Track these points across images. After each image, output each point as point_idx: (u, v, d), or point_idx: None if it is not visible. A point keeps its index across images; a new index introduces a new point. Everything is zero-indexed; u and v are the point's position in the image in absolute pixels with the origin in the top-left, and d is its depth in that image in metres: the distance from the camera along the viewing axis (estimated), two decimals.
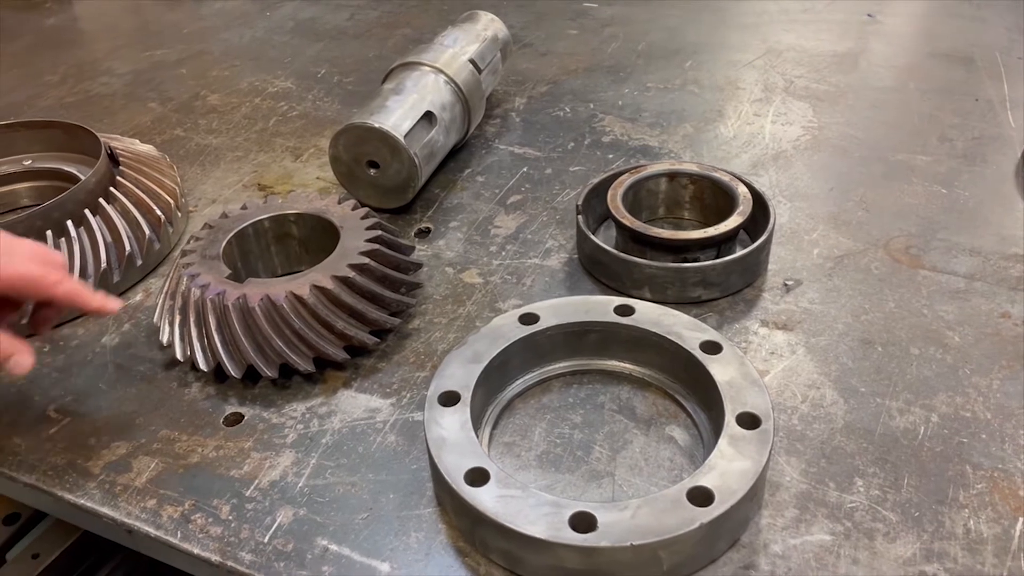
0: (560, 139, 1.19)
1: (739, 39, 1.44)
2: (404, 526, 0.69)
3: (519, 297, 0.92)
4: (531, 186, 1.09)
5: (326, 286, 0.82)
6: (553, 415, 0.78)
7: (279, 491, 0.72)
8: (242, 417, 0.79)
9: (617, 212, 0.92)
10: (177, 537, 0.69)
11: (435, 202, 1.08)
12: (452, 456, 0.67)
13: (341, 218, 0.91)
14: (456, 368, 0.75)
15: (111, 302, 0.76)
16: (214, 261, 0.86)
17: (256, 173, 1.15)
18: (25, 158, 1.10)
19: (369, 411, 0.79)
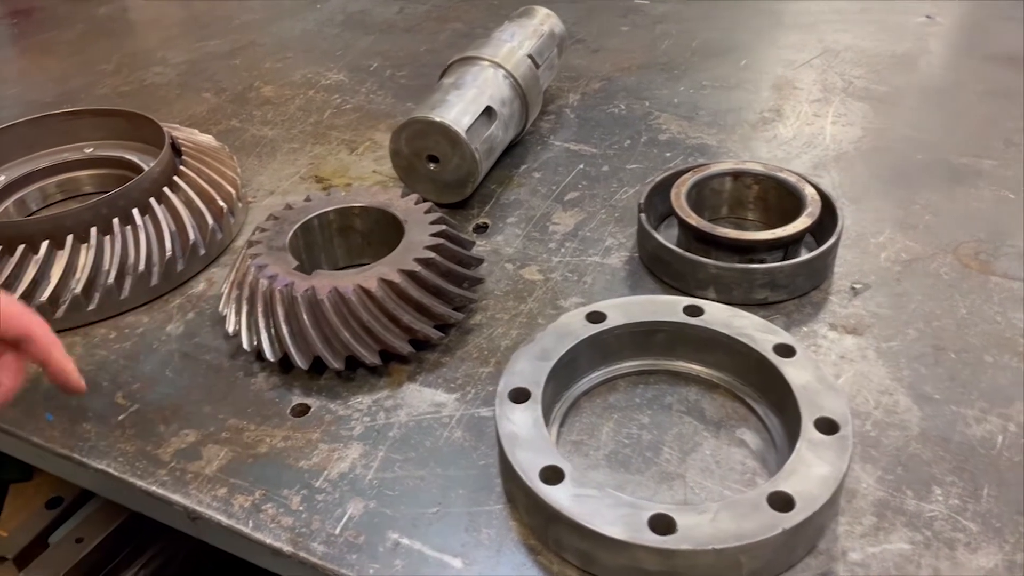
0: (616, 136, 1.18)
1: (794, 39, 1.43)
2: (475, 522, 0.69)
3: (580, 295, 0.91)
4: (588, 183, 1.09)
5: (393, 280, 0.82)
6: (620, 415, 0.77)
7: (348, 483, 0.72)
8: (308, 408, 0.80)
9: (682, 211, 0.91)
10: (249, 526, 0.70)
11: (492, 198, 1.07)
12: (525, 453, 0.67)
13: (405, 212, 0.91)
14: (525, 364, 0.75)
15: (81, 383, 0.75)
16: (281, 252, 0.86)
17: (312, 165, 1.16)
18: (87, 146, 1.11)
19: (435, 405, 0.79)
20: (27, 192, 1.08)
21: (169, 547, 1.30)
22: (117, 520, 1.27)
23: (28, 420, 0.80)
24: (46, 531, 1.29)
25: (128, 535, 1.28)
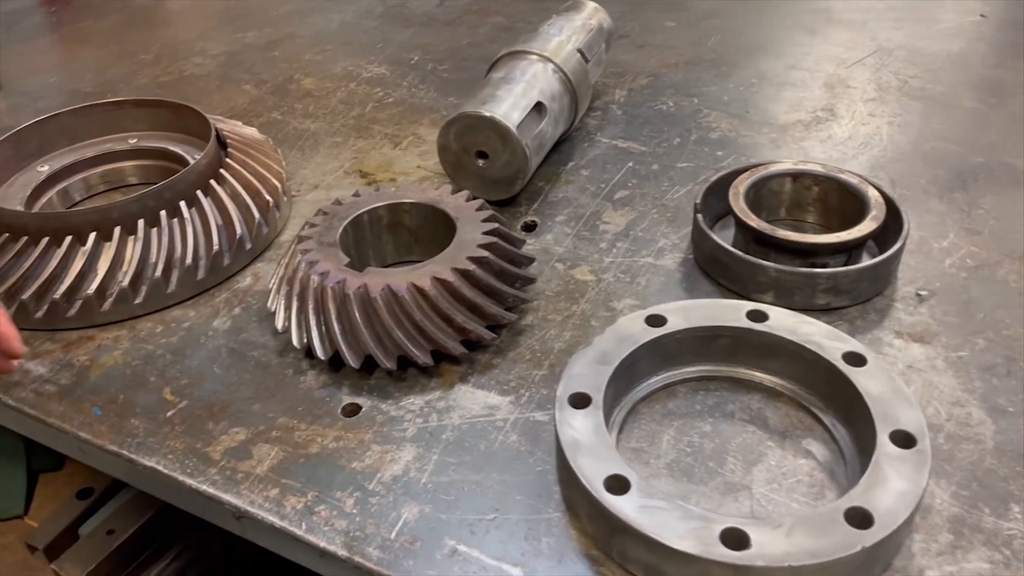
0: (665, 134, 1.15)
1: (846, 36, 1.39)
2: (534, 530, 0.67)
3: (634, 297, 0.89)
4: (638, 181, 1.06)
5: (447, 278, 0.80)
6: (681, 422, 0.75)
7: (403, 486, 0.71)
8: (360, 408, 0.78)
9: (742, 212, 0.89)
10: (302, 529, 0.68)
11: (539, 195, 1.05)
12: (588, 461, 0.65)
13: (456, 209, 0.89)
14: (583, 368, 0.72)
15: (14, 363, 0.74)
16: (332, 248, 0.84)
17: (356, 159, 1.14)
18: (131, 136, 1.10)
19: (488, 408, 0.77)
20: (71, 182, 1.07)
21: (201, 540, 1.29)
22: (148, 512, 1.26)
23: (75, 414, 0.79)
24: (76, 522, 1.29)
25: (159, 527, 1.27)
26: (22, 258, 0.87)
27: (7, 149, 1.02)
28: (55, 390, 0.81)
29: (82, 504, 1.29)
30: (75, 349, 0.86)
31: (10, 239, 0.87)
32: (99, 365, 0.84)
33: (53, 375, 0.83)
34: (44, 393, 0.81)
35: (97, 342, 0.87)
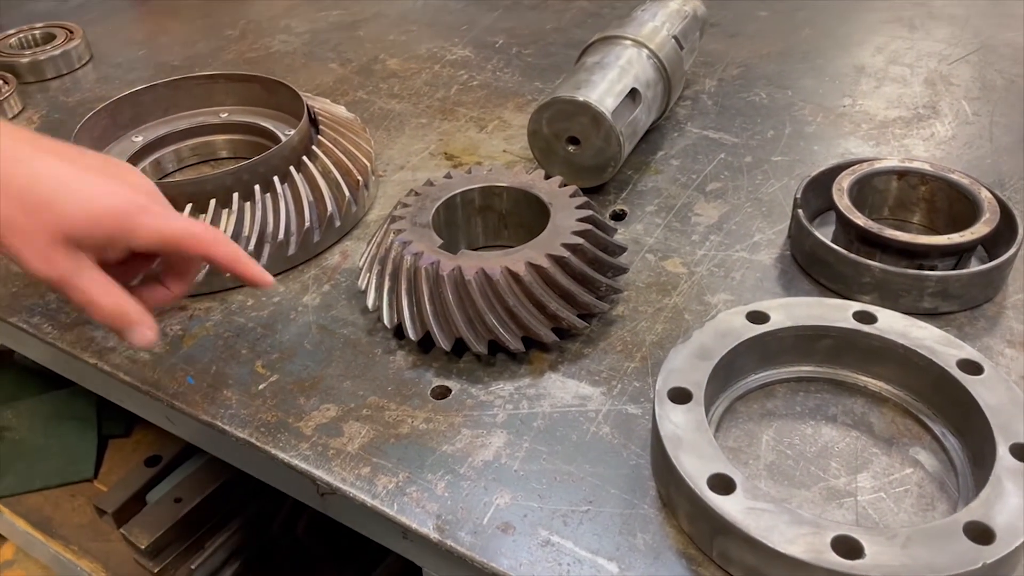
0: (758, 126, 1.12)
1: (948, 32, 1.34)
2: (629, 525, 0.65)
3: (728, 291, 0.86)
4: (730, 174, 1.04)
5: (541, 264, 0.78)
6: (780, 423, 0.73)
7: (494, 472, 0.70)
8: (449, 391, 0.77)
9: (846, 209, 0.85)
10: (393, 509, 0.68)
11: (628, 184, 1.03)
12: (690, 458, 0.63)
13: (549, 195, 0.87)
14: (683, 363, 0.71)
15: (267, 274, 0.71)
16: (425, 229, 0.84)
17: (442, 142, 1.13)
18: (222, 110, 1.11)
19: (579, 398, 0.76)
20: (163, 153, 1.08)
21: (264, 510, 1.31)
22: (214, 484, 1.28)
23: (169, 382, 0.80)
24: (144, 488, 1.31)
25: (225, 497, 1.29)
26: None
27: (104, 118, 1.03)
28: (149, 358, 0.82)
29: (150, 471, 1.32)
30: (168, 319, 0.87)
31: None
32: (192, 335, 0.85)
33: None
34: (138, 361, 0.82)
35: (189, 312, 0.87)
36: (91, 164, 0.65)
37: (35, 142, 0.64)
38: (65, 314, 0.88)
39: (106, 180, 0.64)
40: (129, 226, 0.64)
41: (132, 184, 0.66)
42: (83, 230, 0.62)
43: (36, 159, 0.62)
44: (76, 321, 0.87)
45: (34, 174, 0.62)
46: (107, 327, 0.66)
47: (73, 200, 0.61)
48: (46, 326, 0.87)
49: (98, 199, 0.62)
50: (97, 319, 0.65)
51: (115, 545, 1.32)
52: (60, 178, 0.62)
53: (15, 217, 0.61)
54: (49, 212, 0.61)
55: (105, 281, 0.64)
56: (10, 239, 0.61)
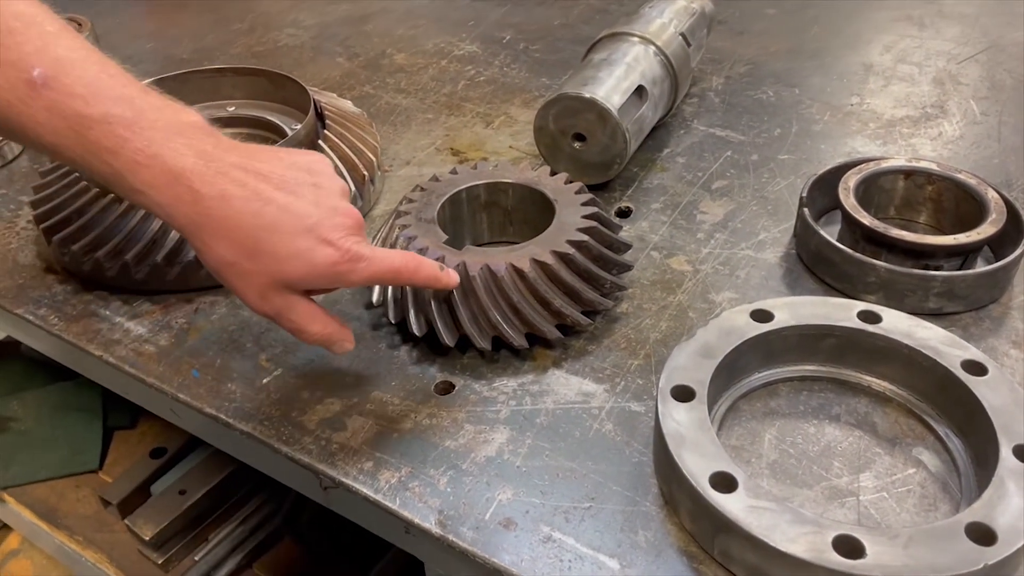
0: (765, 124, 1.12)
1: (957, 31, 1.33)
2: (630, 522, 0.65)
3: (733, 290, 0.86)
4: (736, 172, 1.03)
5: (546, 261, 0.78)
6: (783, 422, 0.73)
7: (496, 468, 0.70)
8: (453, 387, 0.78)
9: (852, 208, 0.85)
10: (396, 504, 0.68)
11: (634, 181, 1.03)
12: (692, 456, 0.63)
13: (555, 192, 0.87)
14: (686, 360, 0.71)
15: (454, 276, 0.75)
16: (430, 225, 0.84)
17: (448, 137, 1.13)
18: (229, 104, 1.11)
19: (583, 395, 0.76)
20: None
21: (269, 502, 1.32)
22: (219, 476, 1.29)
23: (174, 375, 0.80)
24: (149, 480, 1.32)
25: (230, 489, 1.30)
26: (126, 219, 0.88)
27: None
28: (154, 351, 0.83)
29: (155, 463, 1.33)
30: (174, 311, 0.87)
31: (115, 200, 0.89)
32: (196, 328, 0.85)
33: (152, 336, 0.84)
34: (144, 353, 0.82)
35: (195, 305, 0.88)
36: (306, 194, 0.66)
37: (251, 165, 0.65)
38: (71, 306, 0.88)
39: (324, 228, 0.65)
40: (344, 277, 0.66)
41: (343, 219, 0.66)
42: (301, 282, 0.66)
43: (261, 195, 0.63)
44: (82, 313, 0.87)
45: (259, 220, 0.63)
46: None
47: (297, 258, 0.64)
48: (52, 317, 0.87)
49: (320, 258, 0.64)
50: (304, 342, 0.69)
51: (119, 536, 1.32)
52: (284, 228, 0.64)
53: (240, 262, 0.64)
54: (272, 262, 0.64)
55: (312, 310, 0.68)
56: (234, 280, 0.65)
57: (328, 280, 0.66)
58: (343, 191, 0.69)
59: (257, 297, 0.66)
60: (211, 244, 0.64)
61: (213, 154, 0.64)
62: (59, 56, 0.61)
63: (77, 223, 0.89)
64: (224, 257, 0.64)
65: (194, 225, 0.63)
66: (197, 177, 0.62)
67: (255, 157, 0.66)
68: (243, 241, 0.63)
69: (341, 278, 0.67)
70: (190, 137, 0.63)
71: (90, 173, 0.64)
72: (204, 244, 0.64)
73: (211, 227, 0.63)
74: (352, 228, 0.67)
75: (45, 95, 0.60)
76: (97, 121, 0.61)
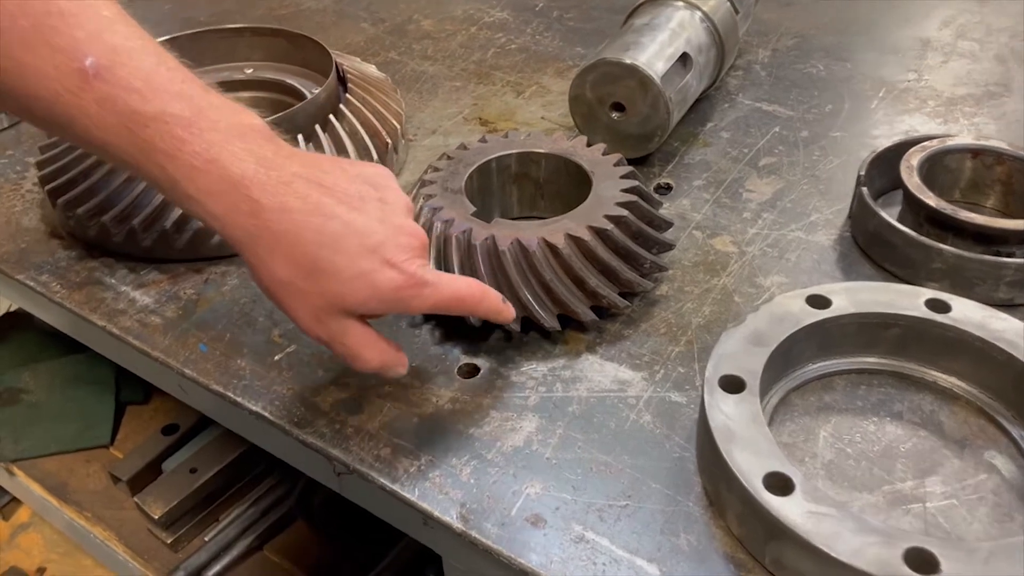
0: (815, 99, 1.05)
1: (1019, 6, 1.25)
2: (671, 524, 0.59)
3: (783, 273, 0.80)
4: (785, 148, 0.97)
5: (582, 237, 0.72)
6: (840, 418, 0.66)
7: (524, 459, 0.64)
8: (478, 370, 0.72)
9: (917, 189, 0.78)
10: (415, 494, 0.62)
11: (675, 156, 0.96)
12: (744, 453, 0.57)
13: (591, 163, 0.81)
14: (736, 348, 0.64)
15: (511, 311, 0.68)
16: (457, 195, 0.78)
17: (476, 106, 1.07)
18: (247, 66, 1.05)
19: (618, 383, 0.70)
20: None
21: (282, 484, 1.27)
22: (231, 454, 1.24)
23: (181, 349, 0.75)
24: (160, 457, 1.28)
25: (242, 469, 1.26)
26: (135, 182, 0.83)
27: None
28: (160, 322, 0.78)
29: (167, 440, 1.29)
30: (182, 281, 0.82)
31: None
32: (206, 300, 0.80)
33: (159, 307, 0.79)
34: (149, 324, 0.77)
35: (205, 276, 0.82)
36: (371, 210, 0.60)
37: (314, 175, 0.59)
38: (75, 272, 0.83)
39: (389, 248, 0.59)
40: (407, 303, 0.61)
41: (409, 239, 0.61)
42: (361, 307, 0.60)
43: (323, 209, 0.58)
44: (86, 280, 0.82)
45: (321, 237, 0.57)
46: None
47: (358, 280, 0.58)
48: (55, 284, 0.82)
49: (383, 282, 0.59)
50: (357, 369, 0.63)
51: (129, 513, 1.29)
52: (347, 247, 0.58)
53: (297, 281, 0.58)
54: (332, 284, 0.58)
55: (368, 336, 0.62)
56: (288, 300, 0.59)
57: (389, 305, 0.60)
58: (408, 208, 0.63)
59: (312, 320, 0.60)
60: (267, 260, 0.58)
61: (274, 161, 0.58)
62: (115, 45, 0.55)
63: (83, 185, 0.84)
64: (280, 275, 0.58)
65: (250, 238, 0.57)
66: (257, 186, 0.56)
67: (318, 166, 0.60)
68: (301, 259, 0.57)
69: (403, 304, 0.60)
70: (251, 142, 0.58)
71: (142, 175, 0.59)
72: (259, 260, 0.58)
73: (268, 241, 0.57)
74: (418, 250, 0.61)
75: (97, 87, 0.54)
76: (153, 119, 0.55)
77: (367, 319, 0.62)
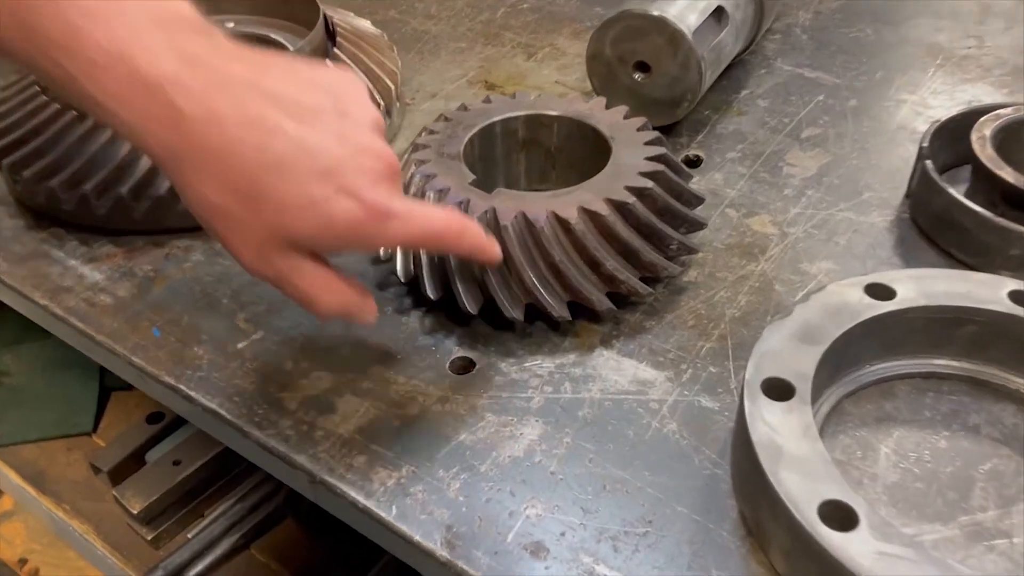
0: (864, 66, 0.93)
1: None
2: (700, 558, 0.49)
3: (832, 259, 0.69)
4: (831, 119, 0.85)
5: (598, 211, 0.61)
6: (903, 432, 0.55)
7: (524, 473, 0.54)
8: (473, 364, 0.61)
9: (991, 161, 0.67)
10: (391, 513, 0.52)
11: (705, 125, 0.85)
12: (794, 476, 0.46)
13: (611, 128, 0.70)
14: (781, 345, 0.54)
15: (495, 246, 0.58)
16: (454, 162, 0.67)
17: (482, 69, 0.96)
18: (228, 19, 0.95)
19: (639, 383, 0.60)
20: None
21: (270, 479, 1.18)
22: (218, 446, 1.15)
23: (131, 333, 0.65)
24: (144, 447, 1.20)
25: (228, 462, 1.17)
26: (89, 142, 0.73)
27: None
28: (110, 302, 0.68)
29: (151, 429, 1.21)
30: (139, 256, 0.72)
31: (77, 119, 0.73)
32: (164, 277, 0.70)
33: (110, 284, 0.69)
34: (97, 304, 0.67)
35: (166, 250, 0.72)
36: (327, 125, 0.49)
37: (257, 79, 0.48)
38: (20, 244, 0.73)
39: (347, 172, 0.49)
40: (369, 238, 0.51)
41: (373, 161, 0.50)
42: (312, 241, 0.50)
43: (265, 121, 0.47)
44: (32, 253, 0.72)
45: (262, 156, 0.47)
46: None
47: (308, 210, 0.48)
48: None
49: (339, 211, 0.48)
50: (316, 315, 0.53)
51: (109, 506, 1.21)
52: (294, 168, 0.47)
53: (233, 209, 0.48)
54: (275, 213, 0.48)
55: (324, 275, 0.52)
56: (224, 232, 0.49)
57: (347, 241, 0.50)
58: (376, 124, 0.52)
59: (254, 256, 0.50)
60: (194, 182, 0.47)
61: (204, 60, 0.47)
62: None
63: (32, 145, 0.74)
64: (211, 200, 0.48)
65: (172, 155, 0.47)
66: (180, 90, 0.45)
67: (264, 68, 0.49)
68: (237, 183, 0.47)
69: (364, 239, 0.51)
70: (174, 33, 0.46)
71: (43, 78, 0.49)
72: (186, 181, 0.48)
73: (195, 159, 0.47)
74: (383, 174, 0.50)
75: None
76: (45, 2, 0.45)
77: (324, 256, 0.52)
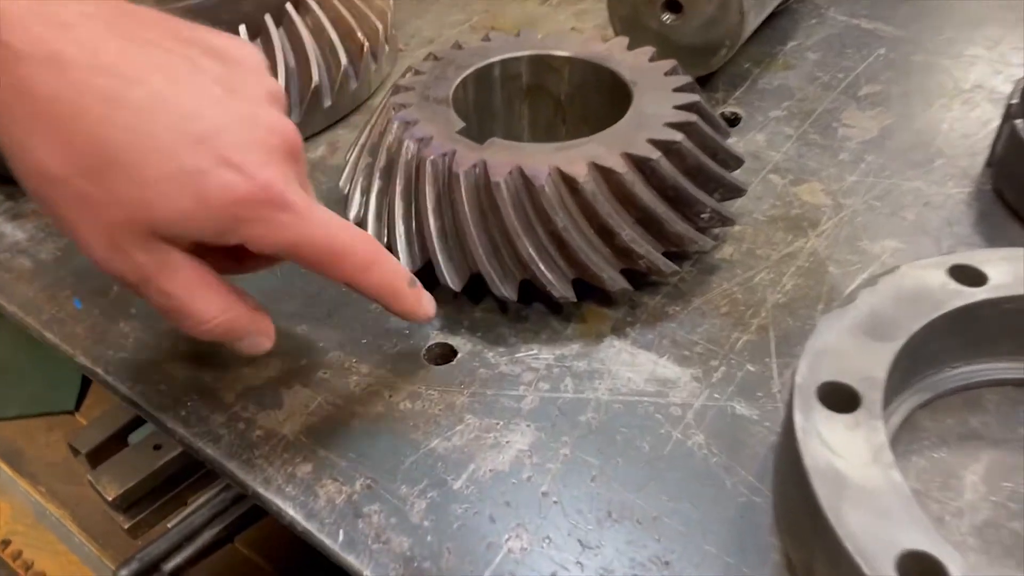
0: (929, 17, 0.80)
1: None
2: None
3: (898, 237, 0.57)
4: (894, 75, 0.73)
5: (613, 168, 0.50)
6: (994, 455, 0.43)
7: (509, 492, 0.43)
8: (455, 353, 0.50)
9: None
10: (337, 540, 0.41)
11: (745, 79, 0.73)
12: (864, 516, 0.34)
13: (633, 71, 0.58)
14: (842, 341, 0.42)
15: (427, 305, 0.47)
16: (440, 107, 0.55)
17: (488, 14, 0.85)
18: None
19: (657, 382, 0.48)
20: None
21: None
22: None
23: (47, 303, 0.54)
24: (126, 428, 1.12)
25: None
26: None
27: None
28: (30, 266, 0.57)
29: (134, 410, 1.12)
30: None
31: None
32: None
33: (33, 245, 0.59)
34: (14, 269, 0.57)
35: None
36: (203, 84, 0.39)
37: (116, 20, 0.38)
38: None
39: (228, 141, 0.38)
40: (250, 226, 0.39)
41: (266, 134, 0.39)
42: (179, 227, 0.39)
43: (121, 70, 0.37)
44: None
45: (114, 113, 0.36)
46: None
47: (173, 185, 0.37)
48: None
49: (215, 187, 0.37)
50: (189, 332, 0.42)
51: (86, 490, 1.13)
52: (156, 131, 0.37)
53: (72, 178, 0.37)
54: (128, 186, 0.37)
55: (201, 277, 0.41)
56: (65, 211, 0.38)
57: (223, 225, 0.39)
58: (273, 96, 0.41)
59: (105, 245, 0.38)
60: (26, 142, 0.36)
61: None
62: None
63: None
64: (48, 169, 0.37)
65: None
66: (13, 23, 0.35)
67: (133, 15, 0.38)
68: (82, 145, 0.36)
69: (244, 227, 0.39)
70: None
71: None
72: (14, 141, 0.37)
73: (26, 112, 0.36)
74: (280, 152, 0.39)
75: None
76: None
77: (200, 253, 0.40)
